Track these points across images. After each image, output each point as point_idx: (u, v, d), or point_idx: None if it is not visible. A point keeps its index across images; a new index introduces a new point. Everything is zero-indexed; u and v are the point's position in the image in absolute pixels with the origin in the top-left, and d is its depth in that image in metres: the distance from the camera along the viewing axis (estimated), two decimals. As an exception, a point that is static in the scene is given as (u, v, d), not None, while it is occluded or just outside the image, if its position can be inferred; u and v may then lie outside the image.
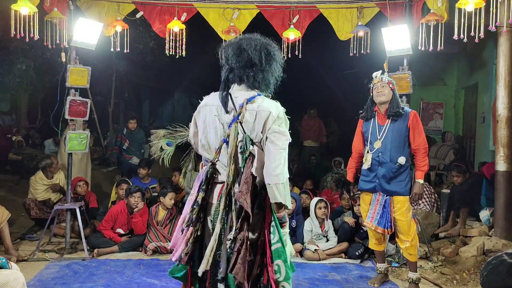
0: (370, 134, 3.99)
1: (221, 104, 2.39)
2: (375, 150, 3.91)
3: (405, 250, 3.91)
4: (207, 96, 2.55)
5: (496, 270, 1.47)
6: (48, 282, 4.11)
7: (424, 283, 4.22)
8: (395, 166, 3.82)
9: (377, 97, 3.90)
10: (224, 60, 2.46)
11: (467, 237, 5.14)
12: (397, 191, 3.85)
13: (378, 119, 3.97)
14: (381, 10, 5.20)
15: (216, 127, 2.40)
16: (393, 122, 3.86)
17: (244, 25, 5.37)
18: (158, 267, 4.56)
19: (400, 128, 3.84)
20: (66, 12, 4.88)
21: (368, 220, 4.00)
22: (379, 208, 3.92)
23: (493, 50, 6.33)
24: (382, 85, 3.89)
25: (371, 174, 3.94)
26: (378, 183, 3.89)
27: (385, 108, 3.91)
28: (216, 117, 2.40)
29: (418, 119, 3.91)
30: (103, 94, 12.55)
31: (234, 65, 2.38)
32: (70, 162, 5.13)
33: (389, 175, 3.84)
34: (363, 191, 4.06)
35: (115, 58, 10.57)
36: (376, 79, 3.95)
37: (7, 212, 4.78)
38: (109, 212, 5.26)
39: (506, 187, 4.86)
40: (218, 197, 2.39)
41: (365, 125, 4.07)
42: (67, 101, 4.86)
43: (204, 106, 2.48)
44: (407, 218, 3.85)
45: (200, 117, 2.48)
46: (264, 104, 2.34)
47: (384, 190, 3.88)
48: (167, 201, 5.22)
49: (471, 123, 8.47)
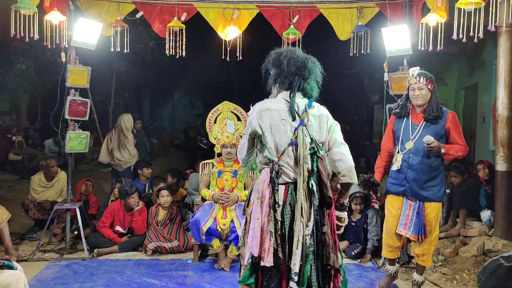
0: (402, 133, 3.72)
1: (286, 108, 2.59)
2: (406, 150, 3.65)
3: (420, 256, 3.72)
4: (265, 101, 2.66)
5: (495, 275, 1.48)
6: (48, 282, 4.11)
7: (424, 283, 4.22)
8: (427, 169, 3.59)
9: (414, 100, 3.62)
10: (276, 67, 2.65)
11: (467, 237, 5.14)
12: (429, 197, 3.60)
13: (412, 117, 3.69)
14: (381, 10, 5.20)
15: (283, 130, 2.57)
16: (429, 122, 3.60)
17: (244, 25, 5.37)
18: (158, 267, 4.57)
19: (437, 129, 3.57)
20: (66, 12, 4.88)
21: (401, 227, 3.72)
22: (412, 214, 3.66)
23: (493, 50, 6.33)
24: (420, 87, 3.59)
25: (400, 176, 3.69)
26: (408, 187, 3.64)
27: (422, 109, 3.64)
28: (283, 121, 2.57)
29: (457, 120, 3.64)
30: (103, 94, 12.56)
31: (298, 74, 2.62)
32: (71, 162, 5.13)
33: (421, 179, 3.59)
34: (392, 194, 3.78)
35: (115, 58, 10.57)
36: (413, 79, 3.63)
37: (7, 213, 4.78)
38: (107, 210, 5.31)
39: (506, 187, 4.86)
40: (285, 197, 2.55)
41: (397, 122, 3.78)
42: (67, 101, 4.86)
43: (266, 110, 2.59)
44: (434, 224, 3.64)
45: (264, 120, 2.58)
46: (321, 109, 2.71)
47: (415, 195, 3.63)
48: (162, 200, 5.24)
49: (471, 123, 8.47)
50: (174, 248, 5.04)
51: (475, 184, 5.63)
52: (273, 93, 2.74)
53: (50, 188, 5.95)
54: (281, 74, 2.64)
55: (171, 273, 4.40)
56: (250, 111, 2.66)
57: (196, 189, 5.51)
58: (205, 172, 4.91)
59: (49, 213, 5.32)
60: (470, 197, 5.55)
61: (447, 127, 3.58)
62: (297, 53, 2.67)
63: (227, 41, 5.32)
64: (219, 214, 4.57)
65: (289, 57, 2.62)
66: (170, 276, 4.31)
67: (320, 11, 5.32)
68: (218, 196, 4.65)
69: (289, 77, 2.62)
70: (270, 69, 2.70)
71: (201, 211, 4.65)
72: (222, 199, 4.61)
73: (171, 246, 5.03)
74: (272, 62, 2.67)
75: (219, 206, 4.64)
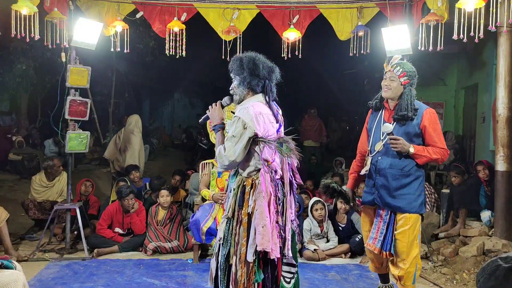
0: (373, 132, 3.26)
1: (270, 112, 2.76)
2: (376, 153, 3.20)
3: (399, 280, 3.20)
4: (254, 104, 2.72)
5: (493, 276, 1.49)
6: (48, 282, 4.11)
7: (424, 283, 4.23)
8: (398, 174, 3.11)
9: (383, 91, 3.19)
10: (250, 71, 2.72)
11: (467, 237, 5.14)
12: (402, 207, 3.10)
13: (385, 114, 3.24)
14: (381, 10, 5.20)
15: (272, 132, 2.73)
16: (400, 121, 3.16)
17: (244, 25, 5.36)
18: (158, 267, 4.57)
19: (409, 129, 3.11)
20: (66, 12, 4.88)
21: (370, 241, 3.26)
22: (383, 227, 3.19)
23: (493, 50, 6.33)
24: (391, 77, 3.15)
25: (370, 183, 3.25)
26: (377, 195, 3.18)
27: (394, 104, 3.19)
28: (272, 124, 2.75)
29: (436, 119, 3.16)
30: (103, 94, 12.55)
31: (268, 79, 2.77)
32: (71, 162, 5.13)
33: (391, 186, 3.11)
34: (364, 204, 3.36)
35: (115, 58, 10.55)
36: (388, 66, 3.22)
37: (5, 212, 4.77)
38: (105, 211, 5.32)
39: (506, 187, 4.86)
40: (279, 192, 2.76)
41: (371, 118, 3.35)
42: (67, 101, 4.86)
43: (259, 114, 2.69)
44: (408, 239, 3.11)
45: (260, 123, 2.68)
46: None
47: (385, 205, 3.15)
48: (162, 199, 5.24)
49: (471, 123, 8.46)
50: (174, 248, 5.04)
51: (475, 184, 5.62)
52: (239, 96, 2.80)
53: (51, 188, 5.96)
54: (255, 78, 2.74)
55: (171, 273, 4.40)
56: (241, 114, 2.68)
57: (197, 189, 5.52)
58: (205, 172, 4.91)
59: (49, 213, 5.32)
60: (470, 196, 5.55)
61: (422, 126, 3.10)
62: (264, 58, 2.80)
63: (227, 41, 5.32)
64: (219, 214, 4.57)
65: (262, 61, 2.75)
66: (170, 276, 4.31)
67: (320, 11, 5.32)
68: (218, 196, 4.65)
69: (262, 81, 2.75)
70: (241, 73, 2.75)
71: (201, 211, 4.65)
72: (222, 199, 4.61)
73: (171, 246, 5.03)
74: (246, 66, 2.73)
75: (219, 206, 4.64)
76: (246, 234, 2.66)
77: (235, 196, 2.74)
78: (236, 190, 2.75)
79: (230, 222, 2.75)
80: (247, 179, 2.73)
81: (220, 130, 2.83)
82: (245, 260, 2.66)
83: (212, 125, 2.87)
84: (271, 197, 2.68)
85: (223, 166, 2.72)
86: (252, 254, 2.63)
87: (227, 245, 2.73)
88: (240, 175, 2.77)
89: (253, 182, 2.70)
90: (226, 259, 2.74)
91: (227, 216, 2.76)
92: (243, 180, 2.74)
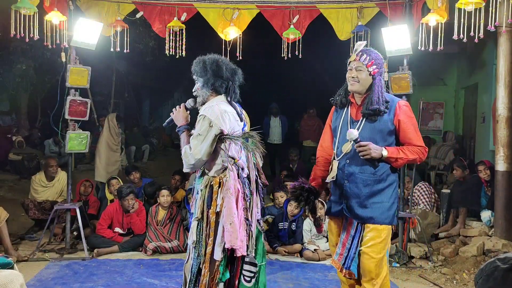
0: (339, 132, 2.79)
1: (234, 111, 2.83)
2: (343, 155, 2.72)
3: None
4: (218, 103, 2.76)
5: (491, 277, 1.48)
6: (48, 282, 4.11)
7: (424, 283, 4.23)
8: (369, 179, 2.65)
9: (349, 84, 2.72)
10: (214, 73, 2.77)
11: (467, 237, 5.14)
12: (372, 217, 2.64)
13: (351, 110, 2.78)
14: (381, 10, 5.20)
15: (238, 130, 2.78)
16: (371, 117, 2.70)
17: (244, 25, 5.37)
18: (158, 267, 4.57)
19: (381, 126, 2.67)
20: (66, 12, 4.88)
21: (336, 257, 2.76)
22: (349, 241, 2.70)
23: (493, 50, 6.33)
24: (358, 67, 2.68)
25: (337, 191, 2.77)
26: (346, 205, 2.70)
27: (362, 98, 2.73)
28: (237, 122, 2.80)
29: (411, 113, 2.72)
30: (103, 94, 12.55)
31: (231, 80, 2.83)
32: (71, 162, 5.12)
33: (362, 193, 2.65)
34: (330, 215, 2.85)
35: (115, 58, 10.55)
36: (353, 55, 2.73)
37: (5, 213, 4.77)
38: (105, 212, 5.32)
39: (506, 187, 4.86)
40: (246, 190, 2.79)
41: (335, 116, 2.88)
42: (67, 101, 4.86)
43: (224, 112, 2.73)
44: (379, 255, 2.62)
45: (226, 121, 2.71)
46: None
47: (355, 216, 2.68)
48: (162, 199, 5.24)
49: (471, 123, 8.47)
50: (174, 248, 5.04)
51: (475, 183, 5.63)
52: (203, 98, 2.83)
53: (51, 188, 5.96)
54: (219, 79, 2.79)
55: (171, 273, 4.40)
56: (207, 113, 2.70)
57: (197, 189, 5.52)
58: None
59: (49, 213, 5.32)
60: (470, 196, 5.55)
61: (395, 122, 2.67)
62: (227, 60, 2.87)
63: (227, 41, 5.32)
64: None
65: (225, 63, 2.82)
66: (170, 276, 4.30)
67: (320, 11, 5.32)
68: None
69: (225, 82, 2.81)
70: (205, 74, 2.78)
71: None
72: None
73: (171, 246, 5.03)
74: (210, 68, 2.77)
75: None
76: (214, 233, 2.66)
77: (203, 197, 2.72)
78: (204, 191, 2.73)
79: (200, 223, 2.73)
80: (214, 178, 2.71)
81: (184, 131, 2.83)
82: (210, 259, 2.66)
83: (177, 127, 2.87)
84: (239, 193, 2.69)
85: (189, 165, 2.69)
86: (221, 252, 2.63)
87: (199, 247, 2.71)
88: (207, 175, 2.76)
89: (220, 181, 2.69)
90: (197, 261, 2.73)
91: (197, 218, 2.73)
92: (210, 180, 2.73)
